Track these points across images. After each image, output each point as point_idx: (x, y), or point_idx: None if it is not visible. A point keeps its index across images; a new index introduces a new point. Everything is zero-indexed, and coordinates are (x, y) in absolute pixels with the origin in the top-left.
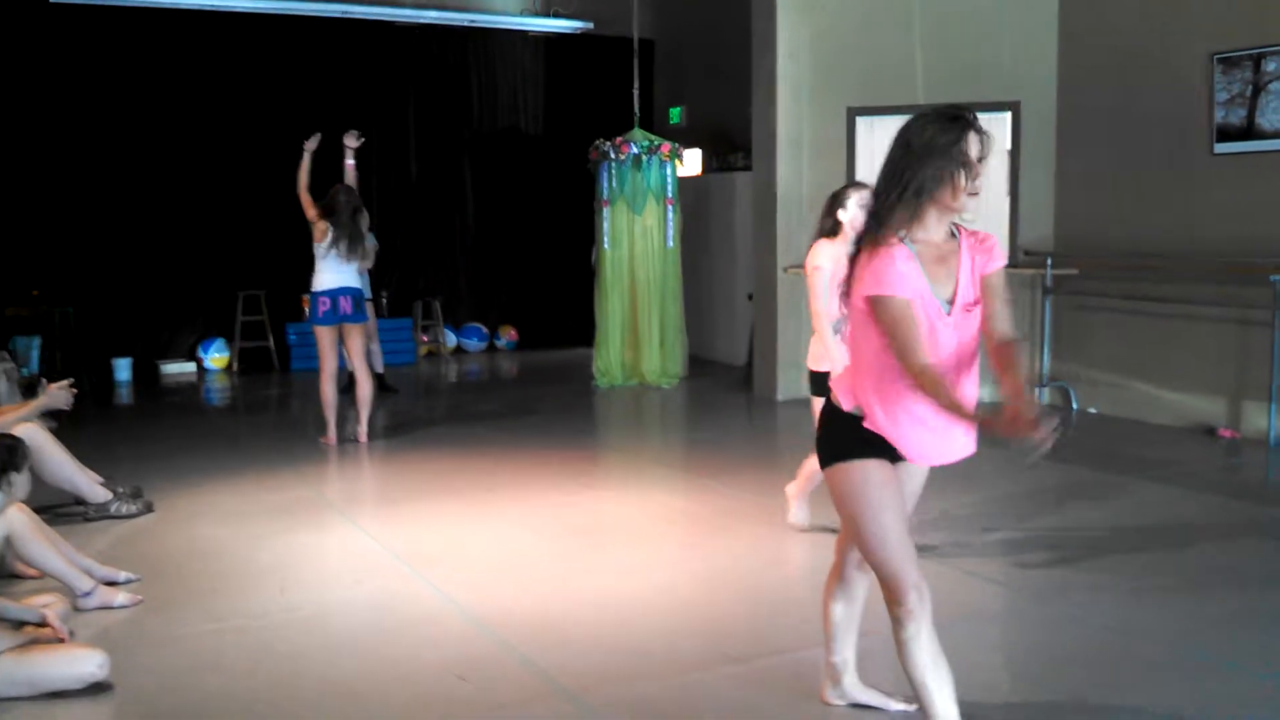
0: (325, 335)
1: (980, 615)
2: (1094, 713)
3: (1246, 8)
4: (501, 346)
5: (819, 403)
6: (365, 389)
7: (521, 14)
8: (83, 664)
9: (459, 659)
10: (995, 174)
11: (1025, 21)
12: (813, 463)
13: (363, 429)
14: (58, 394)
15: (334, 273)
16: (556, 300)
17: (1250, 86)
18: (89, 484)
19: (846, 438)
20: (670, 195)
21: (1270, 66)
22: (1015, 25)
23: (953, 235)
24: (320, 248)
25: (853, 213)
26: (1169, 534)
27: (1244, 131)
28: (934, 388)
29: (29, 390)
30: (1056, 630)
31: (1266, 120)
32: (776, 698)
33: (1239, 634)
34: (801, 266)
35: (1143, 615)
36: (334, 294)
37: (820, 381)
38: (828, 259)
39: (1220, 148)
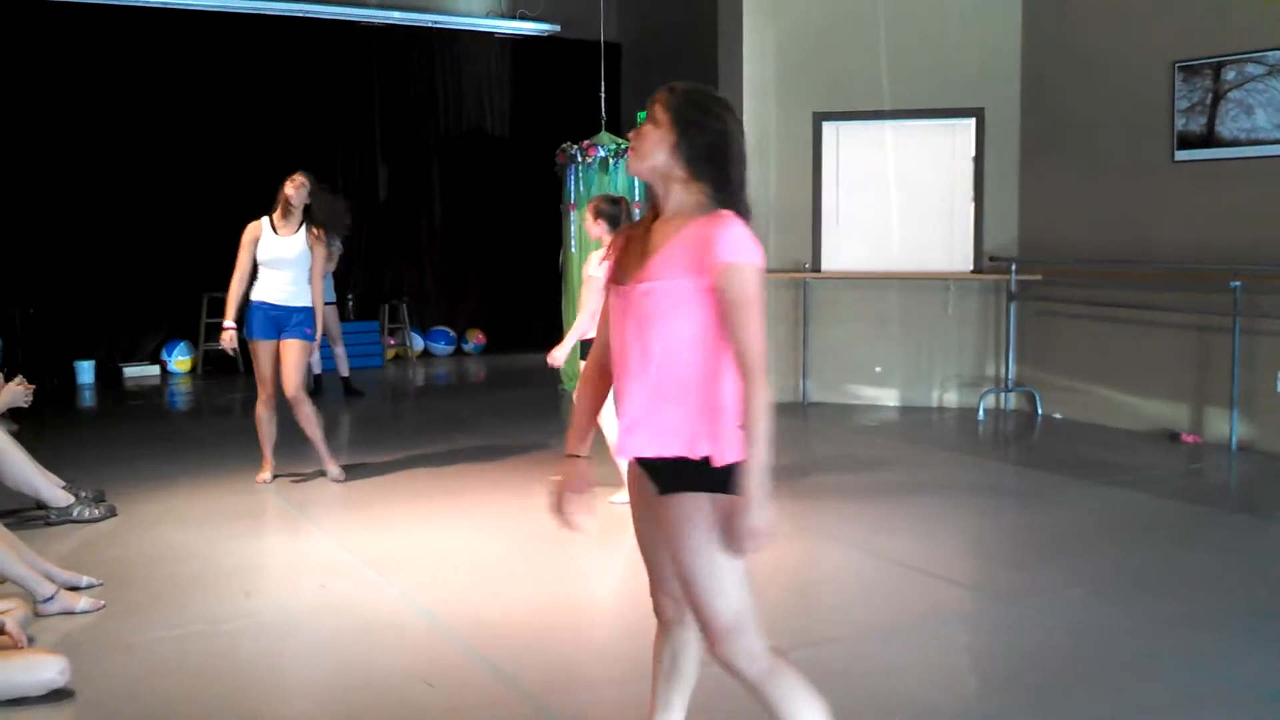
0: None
1: (945, 617)
2: (1057, 714)
3: (1207, 17)
4: (469, 350)
5: None
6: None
7: (488, 16)
8: (44, 670)
9: (425, 664)
10: (960, 181)
11: (989, 29)
12: None
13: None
14: (16, 392)
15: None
16: (524, 304)
17: (1210, 95)
18: (51, 488)
19: None
20: (638, 199)
21: (1229, 75)
22: (979, 32)
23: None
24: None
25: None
26: (1131, 537)
27: (1204, 139)
28: (762, 395)
29: None
30: (1020, 632)
31: (1225, 128)
32: (740, 702)
33: (1199, 636)
34: (767, 271)
35: (1105, 617)
36: None
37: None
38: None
39: (1181, 155)
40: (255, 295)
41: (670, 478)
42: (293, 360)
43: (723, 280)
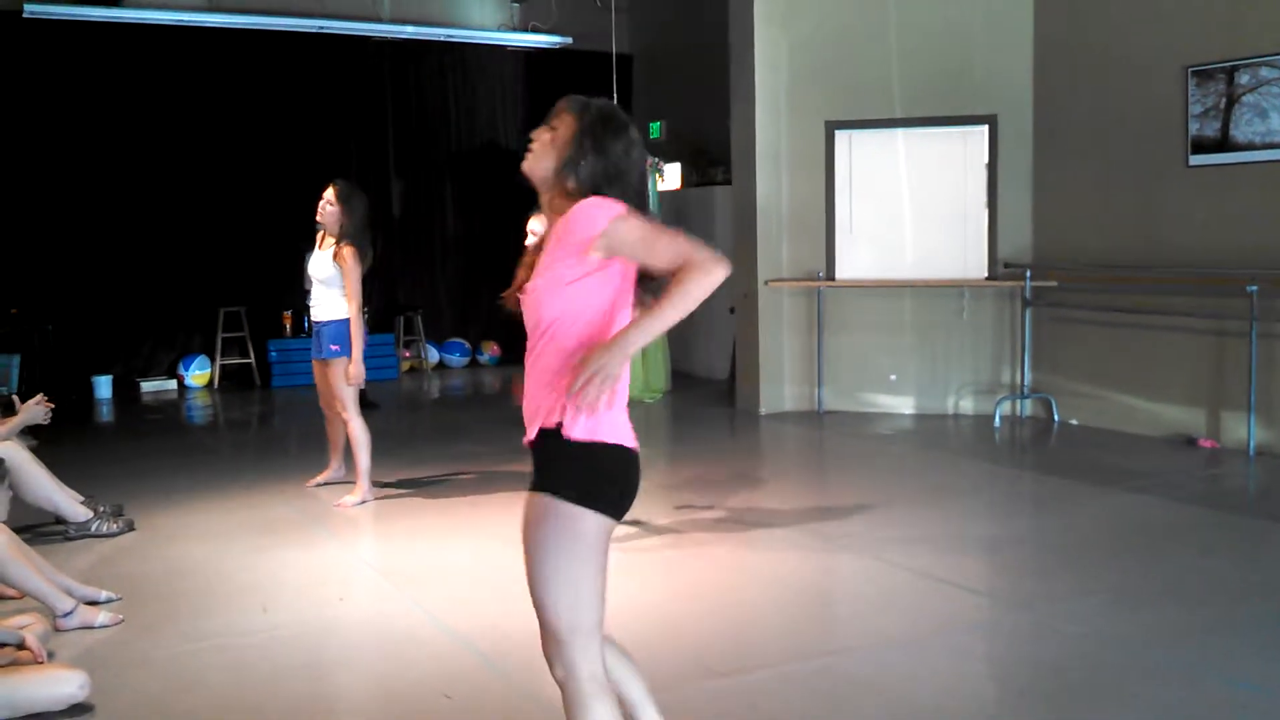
0: None
1: (962, 626)
2: None
3: (1220, 21)
4: (484, 362)
5: None
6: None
7: (499, 29)
8: (63, 685)
9: (443, 676)
10: (973, 187)
11: (1001, 35)
12: None
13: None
14: (34, 409)
15: None
16: None
17: (1224, 99)
18: (69, 503)
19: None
20: (651, 209)
21: (1243, 79)
22: (991, 39)
23: None
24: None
25: None
26: (1150, 543)
27: (1218, 143)
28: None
29: (6, 409)
30: (1039, 639)
31: (1240, 132)
32: (758, 712)
33: (1219, 642)
34: (781, 280)
35: (1124, 624)
36: None
37: None
38: None
39: (1195, 159)
40: None
41: (536, 469)
42: (329, 380)
43: (608, 245)
